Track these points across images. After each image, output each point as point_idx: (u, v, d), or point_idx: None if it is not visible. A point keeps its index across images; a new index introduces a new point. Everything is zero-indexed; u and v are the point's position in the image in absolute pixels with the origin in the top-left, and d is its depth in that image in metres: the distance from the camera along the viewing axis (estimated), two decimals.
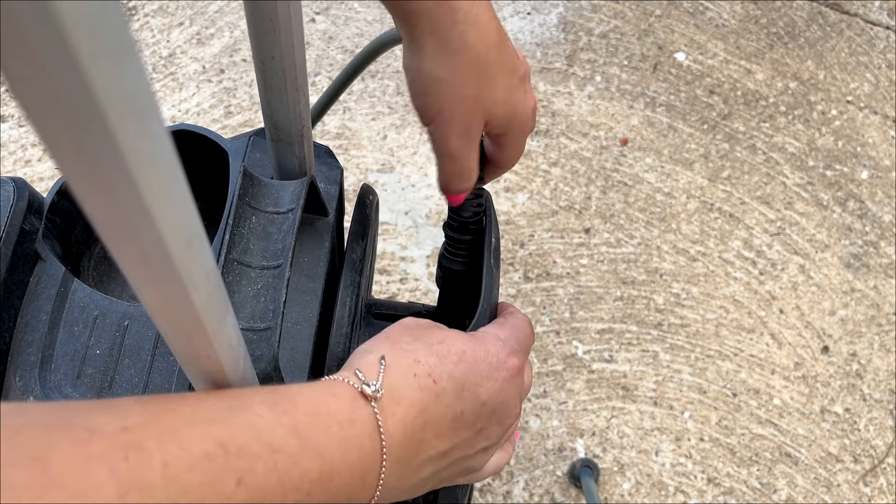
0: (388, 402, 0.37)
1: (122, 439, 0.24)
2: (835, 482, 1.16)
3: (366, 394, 0.36)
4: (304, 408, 0.32)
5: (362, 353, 0.41)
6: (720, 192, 1.34)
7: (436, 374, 0.40)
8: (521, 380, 0.45)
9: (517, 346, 0.46)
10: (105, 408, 0.25)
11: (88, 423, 0.24)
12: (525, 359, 0.47)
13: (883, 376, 1.23)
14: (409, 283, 1.22)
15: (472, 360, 0.42)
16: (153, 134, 0.19)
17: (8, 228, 0.46)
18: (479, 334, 0.45)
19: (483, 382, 0.42)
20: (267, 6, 0.39)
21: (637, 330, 1.22)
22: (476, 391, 0.41)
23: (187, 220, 0.23)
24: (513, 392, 0.44)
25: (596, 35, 1.47)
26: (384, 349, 0.40)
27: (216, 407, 0.29)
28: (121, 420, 0.25)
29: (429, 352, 0.41)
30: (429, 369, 0.40)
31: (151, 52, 1.39)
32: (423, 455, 0.39)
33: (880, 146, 1.40)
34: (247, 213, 0.46)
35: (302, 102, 0.46)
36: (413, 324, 0.44)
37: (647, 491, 1.13)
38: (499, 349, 0.44)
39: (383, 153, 1.32)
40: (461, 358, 0.42)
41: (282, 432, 0.30)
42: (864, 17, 1.53)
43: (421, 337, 0.42)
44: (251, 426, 0.29)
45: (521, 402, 0.46)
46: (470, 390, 0.41)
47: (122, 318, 0.45)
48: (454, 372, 0.41)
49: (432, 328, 0.44)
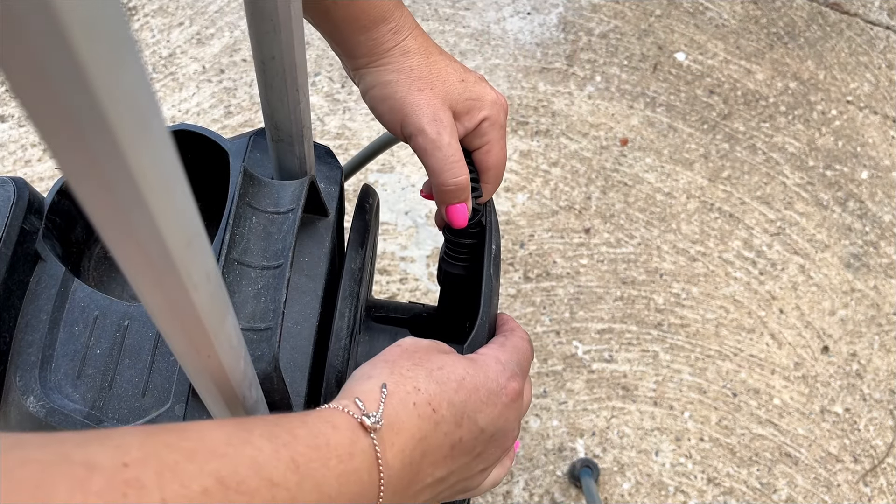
0: (388, 433, 0.37)
1: (122, 476, 0.24)
2: (835, 482, 1.16)
3: (365, 425, 0.35)
4: (304, 440, 0.32)
5: (362, 379, 0.40)
6: (720, 192, 1.34)
7: (435, 402, 0.40)
8: (520, 403, 0.45)
9: (517, 370, 0.46)
10: (104, 441, 0.25)
11: (87, 458, 0.24)
12: (524, 380, 0.47)
13: (883, 376, 1.23)
14: (409, 283, 1.22)
15: (472, 386, 0.42)
16: (154, 134, 0.19)
17: (8, 228, 0.46)
18: (480, 358, 0.45)
19: (482, 409, 0.42)
20: (267, 6, 0.39)
21: (637, 330, 1.22)
22: (475, 418, 0.42)
23: (188, 220, 0.23)
24: (511, 416, 0.44)
25: (596, 35, 1.47)
26: (384, 375, 0.40)
27: (216, 440, 0.29)
28: (120, 455, 0.24)
29: (429, 378, 0.41)
30: (428, 397, 0.40)
31: (151, 52, 1.39)
32: (420, 483, 0.39)
33: (880, 146, 1.40)
34: (247, 213, 0.46)
35: (302, 102, 0.46)
36: (413, 346, 0.44)
37: (647, 491, 1.13)
38: (498, 374, 0.44)
39: (383, 153, 1.32)
40: (461, 385, 0.42)
41: (281, 466, 0.30)
42: (864, 17, 1.53)
43: (421, 362, 0.42)
44: (251, 460, 0.29)
45: (520, 423, 0.47)
46: (469, 417, 0.41)
47: (123, 318, 0.45)
48: (454, 399, 0.41)
49: (432, 352, 0.44)
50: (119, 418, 0.43)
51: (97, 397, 0.43)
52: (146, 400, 0.43)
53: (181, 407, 0.42)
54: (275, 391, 0.42)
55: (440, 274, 0.56)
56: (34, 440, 0.24)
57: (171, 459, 0.26)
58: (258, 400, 0.39)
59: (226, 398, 0.35)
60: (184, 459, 0.26)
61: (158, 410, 0.42)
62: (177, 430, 0.28)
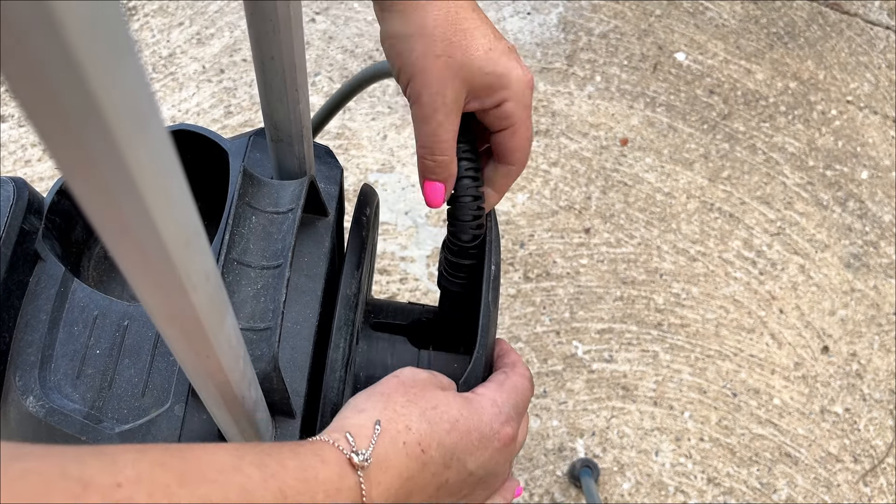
0: (375, 471, 0.37)
1: (115, 496, 0.25)
2: (835, 482, 1.16)
3: (353, 462, 0.36)
4: (293, 472, 0.33)
5: (355, 411, 0.40)
6: (720, 192, 1.34)
7: (425, 442, 0.40)
8: (513, 447, 0.45)
9: (513, 413, 0.45)
10: (100, 457, 0.26)
11: (83, 474, 0.24)
12: (520, 423, 0.46)
13: (883, 376, 1.23)
14: (409, 283, 1.22)
15: (465, 429, 0.42)
16: (153, 134, 0.19)
17: (8, 228, 0.46)
18: (476, 399, 0.44)
19: (473, 452, 0.42)
20: (267, 6, 0.39)
21: (637, 330, 1.22)
22: (464, 460, 0.42)
23: (187, 221, 0.23)
24: (502, 460, 0.44)
25: (596, 35, 1.47)
26: (377, 410, 0.40)
27: (208, 465, 0.29)
28: (114, 474, 0.25)
29: (422, 418, 0.41)
30: (419, 437, 0.40)
31: (151, 52, 1.39)
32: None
33: (880, 146, 1.40)
34: (247, 213, 0.46)
35: (302, 102, 0.46)
36: (410, 380, 0.43)
37: (647, 491, 1.13)
38: (493, 418, 0.43)
39: (383, 153, 1.32)
40: (454, 426, 0.41)
41: (269, 496, 0.31)
42: (864, 17, 1.53)
43: (416, 399, 0.42)
44: (240, 488, 0.30)
45: (511, 465, 0.46)
46: (458, 459, 0.41)
47: (122, 318, 0.45)
48: (444, 440, 0.41)
49: (428, 388, 0.43)
50: (119, 418, 0.43)
51: (97, 397, 0.43)
52: (146, 400, 0.43)
53: (181, 407, 0.42)
54: (274, 391, 0.42)
55: (439, 283, 0.55)
56: (34, 452, 0.24)
57: (162, 482, 0.27)
58: (257, 400, 0.39)
59: (225, 398, 0.34)
60: (175, 482, 0.27)
61: (158, 410, 0.42)
62: (170, 452, 0.29)
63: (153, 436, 0.42)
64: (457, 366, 0.51)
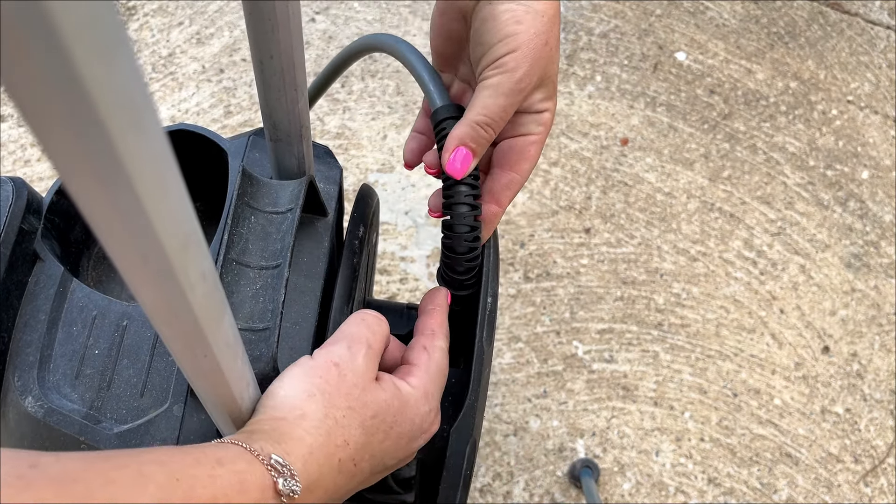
0: (303, 494, 0.34)
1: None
2: (835, 482, 1.16)
3: (279, 490, 0.33)
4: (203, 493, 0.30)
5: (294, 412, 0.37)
6: (720, 192, 1.34)
7: (359, 456, 0.39)
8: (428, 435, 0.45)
9: (436, 404, 0.45)
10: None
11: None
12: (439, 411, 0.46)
13: (883, 376, 1.23)
14: (409, 283, 1.22)
15: (396, 435, 0.42)
16: (149, 133, 0.19)
17: (7, 228, 0.46)
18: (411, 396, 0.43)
19: (398, 452, 0.42)
20: (266, 6, 0.39)
21: (637, 330, 1.22)
22: (387, 461, 0.42)
23: (184, 220, 0.23)
24: (415, 446, 0.44)
25: (596, 35, 1.47)
26: (318, 416, 0.38)
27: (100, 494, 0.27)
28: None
29: (360, 430, 0.39)
30: (354, 453, 0.38)
31: (151, 52, 1.39)
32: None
33: (881, 146, 1.40)
34: (246, 213, 0.46)
35: (301, 102, 0.45)
36: (352, 375, 0.40)
37: (647, 491, 1.13)
38: (423, 417, 0.43)
39: (383, 153, 1.32)
40: (387, 435, 0.41)
41: None
42: (865, 16, 1.53)
43: (356, 406, 0.39)
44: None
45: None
46: (384, 462, 0.42)
47: (121, 318, 0.45)
48: (376, 451, 0.40)
49: (369, 387, 0.41)
50: (117, 418, 0.43)
51: (95, 397, 0.43)
52: (144, 400, 0.43)
53: (179, 407, 0.42)
54: None
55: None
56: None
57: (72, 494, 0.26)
58: (256, 400, 0.39)
59: (223, 398, 0.34)
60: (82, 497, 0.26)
61: (157, 410, 0.42)
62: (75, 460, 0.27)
63: (152, 436, 0.42)
64: (454, 381, 0.51)
